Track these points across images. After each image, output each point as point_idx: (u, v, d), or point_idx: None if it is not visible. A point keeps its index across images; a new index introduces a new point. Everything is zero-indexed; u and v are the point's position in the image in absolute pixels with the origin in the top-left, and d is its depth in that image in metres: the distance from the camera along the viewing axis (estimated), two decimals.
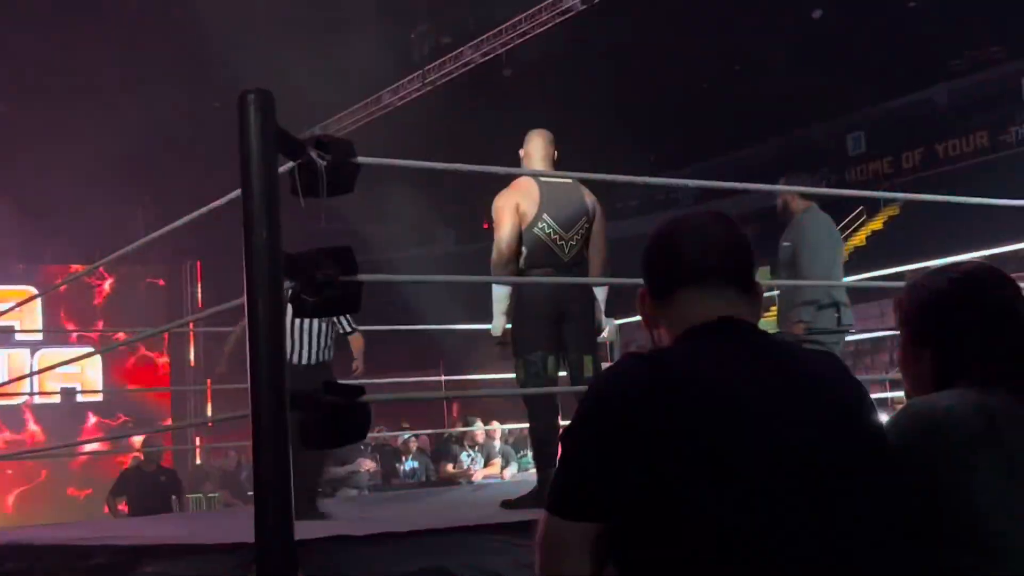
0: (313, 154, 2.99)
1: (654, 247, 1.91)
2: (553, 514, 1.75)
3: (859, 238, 25.53)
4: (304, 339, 5.72)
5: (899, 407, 2.04)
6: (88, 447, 14.80)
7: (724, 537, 1.62)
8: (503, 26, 16.74)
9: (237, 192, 2.84)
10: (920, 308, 2.09)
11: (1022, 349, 2.00)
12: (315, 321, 5.76)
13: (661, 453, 1.65)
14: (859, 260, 23.26)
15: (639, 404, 1.69)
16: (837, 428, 1.74)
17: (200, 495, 14.25)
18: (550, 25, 16.37)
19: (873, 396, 2.09)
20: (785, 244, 6.48)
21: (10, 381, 13.88)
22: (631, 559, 1.69)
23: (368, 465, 11.98)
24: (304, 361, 5.72)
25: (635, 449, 1.66)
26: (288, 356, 5.57)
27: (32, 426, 15.90)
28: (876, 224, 25.63)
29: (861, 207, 25.26)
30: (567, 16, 16.14)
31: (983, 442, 1.89)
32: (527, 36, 16.68)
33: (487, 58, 17.34)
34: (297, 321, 5.68)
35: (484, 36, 17.06)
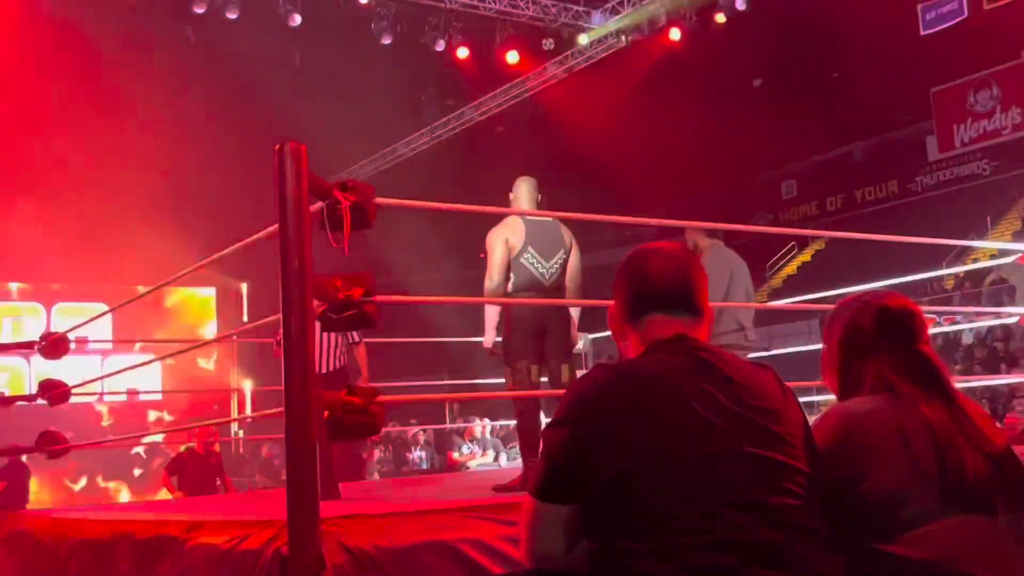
0: (339, 196, 3.00)
1: (628, 278, 1.95)
2: (535, 497, 1.76)
3: (791, 268, 25.58)
4: (323, 350, 5.70)
5: (824, 410, 2.05)
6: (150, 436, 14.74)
7: (670, 517, 1.63)
8: (497, 91, 16.80)
9: (275, 227, 2.84)
10: (844, 329, 2.11)
11: (924, 366, 2.02)
12: (331, 334, 5.73)
13: (624, 445, 1.67)
14: (791, 287, 23.33)
15: (608, 405, 1.70)
16: (767, 425, 1.75)
17: (241, 479, 14.19)
18: (537, 91, 16.45)
19: (802, 399, 2.09)
20: None
21: (84, 383, 13.79)
22: (601, 535, 1.70)
23: (376, 455, 11.97)
24: (324, 370, 5.70)
25: (604, 442, 1.68)
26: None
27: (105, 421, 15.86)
28: (805, 257, 25.69)
29: (793, 242, 25.33)
30: (549, 84, 16.22)
31: (895, 443, 1.90)
32: (517, 99, 16.75)
33: (484, 117, 17.40)
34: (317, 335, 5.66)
35: (482, 99, 17.12)
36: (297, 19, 12.96)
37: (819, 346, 2.21)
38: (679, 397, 1.73)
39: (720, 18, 13.98)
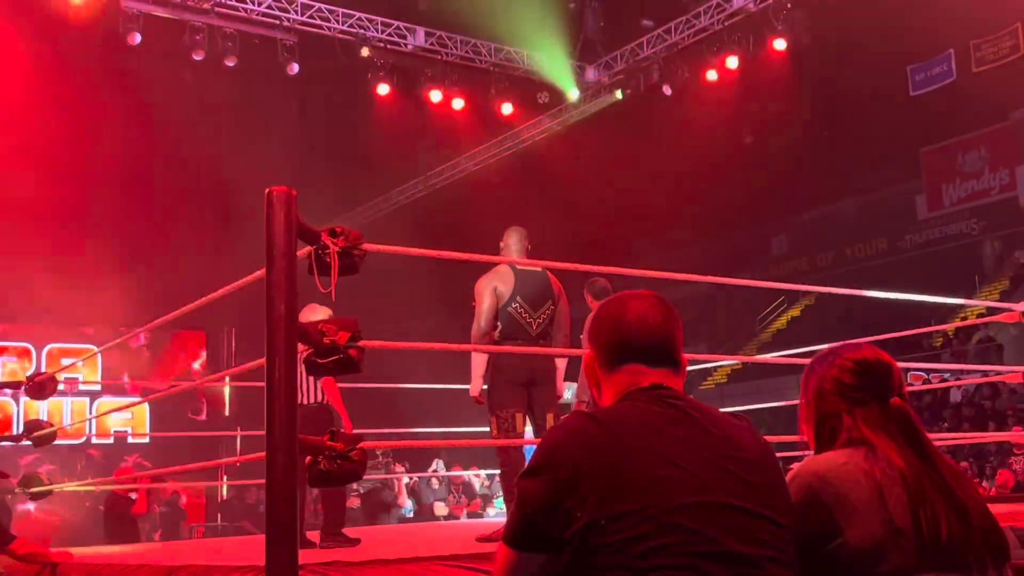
0: (327, 241, 3.01)
1: (605, 326, 1.95)
2: (507, 545, 1.75)
3: (781, 322, 25.64)
4: (306, 383, 5.68)
5: (798, 464, 2.04)
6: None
7: (642, 568, 1.62)
8: (491, 142, 16.93)
9: (262, 271, 2.85)
10: (819, 382, 2.11)
11: (900, 420, 2.01)
12: None
13: (597, 494, 1.66)
14: (781, 341, 23.36)
15: (582, 454, 1.70)
16: (744, 476, 1.74)
17: (226, 524, 14.07)
18: (530, 143, 16.59)
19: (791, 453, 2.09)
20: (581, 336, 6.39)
21: (71, 425, 13.73)
22: None
23: (354, 503, 11.88)
24: (309, 401, 5.68)
25: (577, 491, 1.67)
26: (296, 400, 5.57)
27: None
28: (795, 312, 25.76)
29: (783, 297, 25.40)
30: (543, 135, 16.36)
31: (870, 498, 1.89)
32: (511, 150, 16.87)
33: (478, 167, 17.51)
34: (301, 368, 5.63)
35: (475, 149, 17.24)
36: (295, 68, 13.07)
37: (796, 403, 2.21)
38: (654, 446, 1.72)
39: (711, 75, 14.15)
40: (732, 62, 13.78)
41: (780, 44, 13.48)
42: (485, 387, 5.23)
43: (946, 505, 1.89)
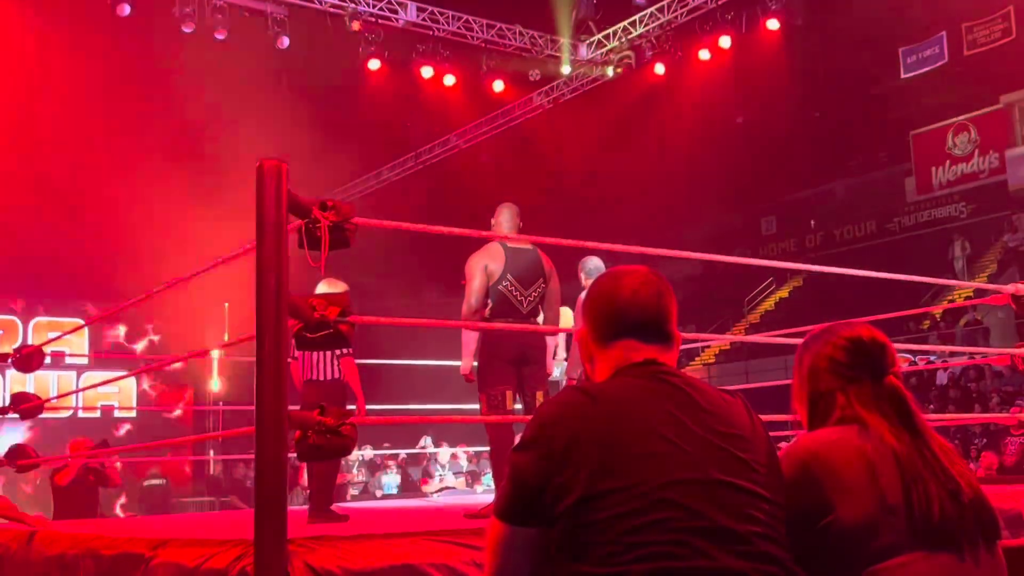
0: (318, 215, 2.99)
1: (597, 301, 1.93)
2: (499, 520, 1.75)
3: (769, 303, 25.70)
4: (323, 360, 5.66)
5: (791, 441, 2.04)
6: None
7: (632, 543, 1.62)
8: (482, 119, 16.88)
9: (253, 244, 2.83)
10: (813, 359, 2.11)
11: (893, 398, 2.01)
12: None
13: (588, 469, 1.66)
14: (769, 322, 23.42)
15: (574, 428, 1.70)
16: (735, 452, 1.74)
17: (213, 499, 14.07)
18: (521, 120, 16.54)
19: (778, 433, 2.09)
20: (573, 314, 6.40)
21: (59, 396, 13.69)
22: (563, 559, 1.69)
23: (350, 477, 11.88)
24: (325, 377, 5.67)
25: (568, 466, 1.67)
26: (313, 375, 5.58)
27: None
28: (783, 293, 25.83)
29: (772, 279, 25.46)
30: (535, 112, 16.31)
31: (862, 476, 1.89)
32: (502, 127, 16.83)
33: (469, 144, 17.46)
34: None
35: (466, 126, 17.19)
36: (285, 41, 12.97)
37: (788, 382, 2.20)
38: (646, 421, 1.72)
39: (704, 54, 14.11)
40: (725, 41, 13.75)
41: (773, 24, 13.45)
42: (475, 365, 5.23)
43: (938, 483, 1.89)
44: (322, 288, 5.20)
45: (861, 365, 2.04)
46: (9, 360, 6.18)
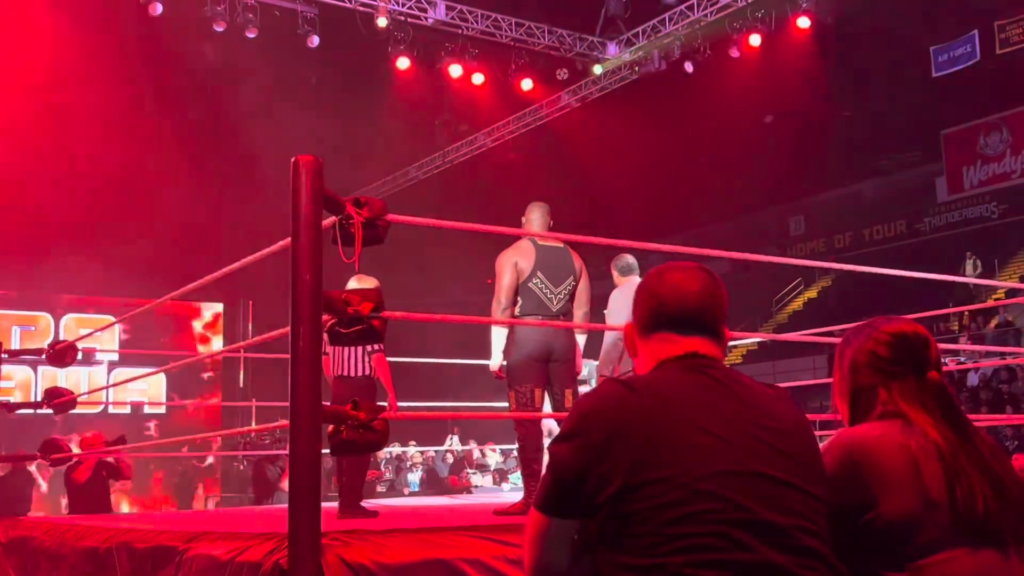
0: (352, 211, 3.00)
1: (643, 295, 1.95)
2: (538, 511, 1.76)
3: (797, 304, 25.56)
4: (354, 356, 5.68)
5: (833, 435, 2.02)
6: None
7: (672, 534, 1.62)
8: (510, 118, 16.88)
9: (287, 240, 2.85)
10: (855, 355, 2.09)
11: (936, 394, 1.99)
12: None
13: (627, 459, 1.66)
14: (796, 322, 23.31)
15: (613, 419, 1.70)
16: (778, 446, 1.73)
17: (242, 495, 14.15)
18: (548, 119, 16.53)
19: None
20: (604, 311, 6.38)
21: (89, 392, 13.84)
22: (602, 550, 1.69)
23: (379, 474, 11.93)
24: (356, 374, 5.68)
25: (608, 457, 1.67)
26: (343, 371, 5.59)
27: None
28: (811, 293, 25.69)
29: (800, 279, 25.32)
30: (563, 111, 16.30)
31: (906, 471, 1.87)
32: (530, 127, 16.82)
33: (496, 143, 17.47)
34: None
35: (494, 125, 17.20)
36: (315, 40, 13.04)
37: (823, 381, 2.19)
38: (686, 413, 1.72)
39: (733, 53, 14.04)
40: (755, 40, 13.67)
41: (804, 22, 13.37)
42: (504, 362, 5.23)
43: (982, 479, 1.87)
44: (352, 284, 5.22)
45: (903, 360, 2.02)
46: (43, 355, 6.26)
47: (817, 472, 1.78)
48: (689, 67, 14.50)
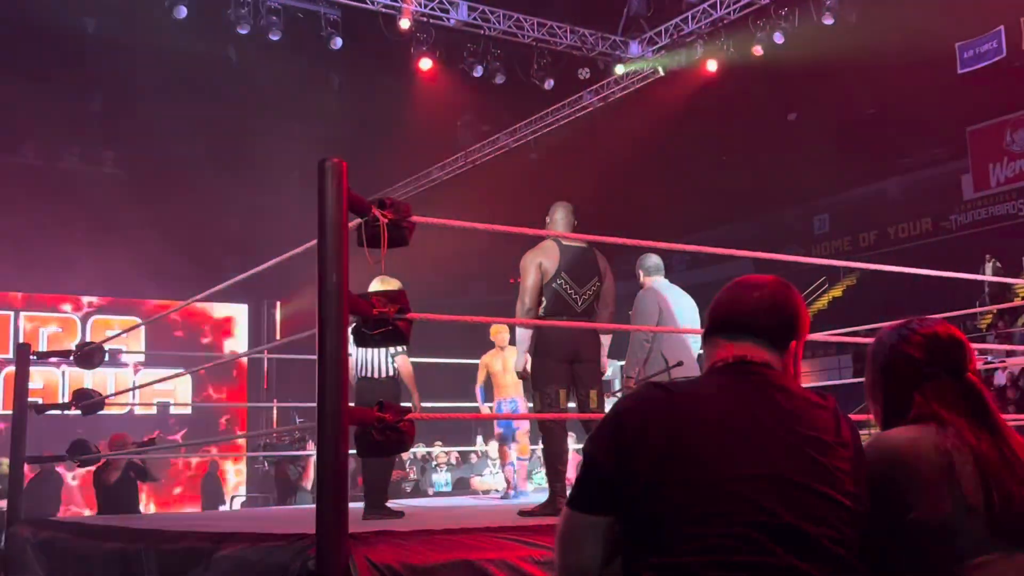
0: (377, 213, 3.01)
1: (710, 305, 1.99)
2: (572, 508, 1.79)
3: (822, 303, 25.41)
4: (378, 358, 5.69)
5: (868, 439, 2.00)
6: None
7: (698, 535, 1.63)
8: (531, 118, 16.88)
9: (313, 242, 2.86)
10: (888, 356, 2.07)
11: (971, 396, 1.97)
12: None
13: (658, 459, 1.68)
14: (821, 322, 23.16)
15: (647, 420, 1.72)
16: (814, 456, 1.73)
17: (266, 494, 14.21)
18: (571, 119, 16.51)
19: None
20: (629, 312, 6.37)
21: (117, 393, 13.95)
22: (630, 549, 1.70)
23: (404, 474, 11.95)
24: (380, 375, 5.69)
25: (639, 455, 1.69)
26: (366, 372, 5.61)
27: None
28: (836, 292, 25.52)
29: (824, 278, 25.16)
30: (585, 111, 16.27)
31: (941, 475, 1.86)
32: (552, 127, 16.81)
33: (518, 143, 17.46)
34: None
35: (516, 126, 17.20)
36: (338, 42, 13.08)
37: (848, 381, 2.17)
38: (718, 416, 1.73)
39: (757, 51, 13.98)
40: (778, 38, 13.60)
41: (828, 19, 13.29)
42: (529, 363, 5.23)
43: (1018, 483, 1.85)
44: (375, 286, 5.24)
45: (937, 361, 2.00)
46: (71, 357, 6.32)
47: (856, 485, 1.76)
48: (712, 65, 14.44)
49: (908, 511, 1.84)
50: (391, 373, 5.71)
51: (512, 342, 7.32)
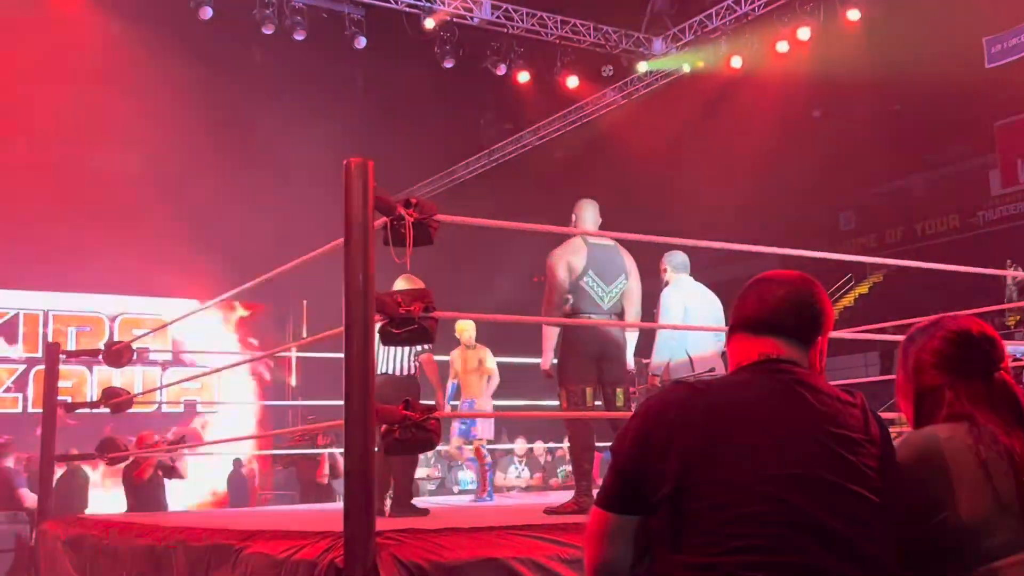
0: (403, 212, 3.02)
1: (735, 300, 1.98)
2: (600, 507, 1.78)
3: (848, 300, 25.26)
4: (398, 355, 5.71)
5: (900, 438, 1.99)
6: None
7: (728, 534, 1.62)
8: (555, 116, 16.86)
9: (339, 241, 2.87)
10: (920, 354, 2.04)
11: (1004, 395, 1.95)
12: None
13: (687, 459, 1.67)
14: (848, 319, 23.00)
15: (675, 420, 1.71)
16: (844, 454, 1.72)
17: (289, 492, 14.28)
18: (595, 116, 16.48)
19: None
20: (654, 310, 6.34)
21: (145, 392, 14.07)
22: (660, 548, 1.70)
23: (430, 473, 11.97)
24: (400, 372, 5.71)
25: (668, 455, 1.69)
26: (387, 369, 5.62)
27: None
28: (863, 289, 25.36)
29: (850, 275, 25.01)
30: (609, 108, 16.24)
31: (975, 473, 1.84)
32: (576, 124, 16.79)
33: (542, 141, 17.45)
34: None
35: (540, 123, 17.19)
36: (362, 41, 13.12)
37: (876, 379, 2.16)
38: (748, 415, 1.72)
39: (782, 47, 13.90)
40: (803, 33, 13.52)
41: (854, 15, 13.20)
42: (555, 361, 5.23)
43: None
44: (400, 285, 5.25)
45: (969, 360, 1.97)
46: (100, 356, 6.37)
47: (887, 482, 1.75)
48: (736, 62, 14.38)
49: (941, 510, 1.82)
50: (411, 371, 5.73)
51: (478, 340, 7.52)
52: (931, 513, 1.83)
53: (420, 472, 11.02)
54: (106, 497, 12.01)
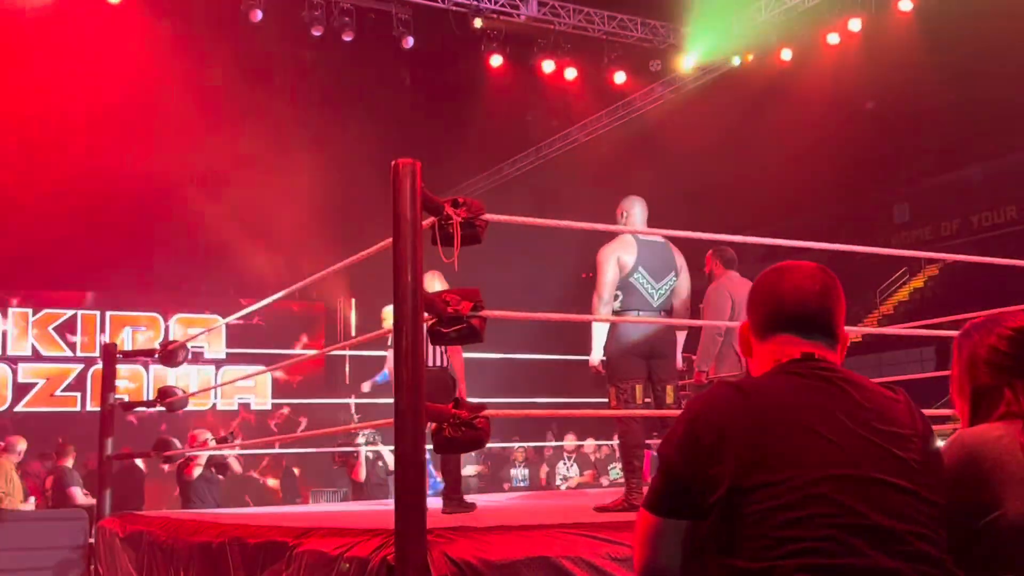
0: (450, 212, 3.04)
1: (760, 296, 1.92)
2: (648, 511, 1.77)
3: (902, 294, 24.90)
4: (430, 347, 5.72)
5: (951, 436, 1.95)
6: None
7: (782, 537, 1.61)
8: (602, 112, 16.82)
9: (388, 241, 2.90)
10: (975, 351, 2.01)
11: None
12: None
13: (738, 462, 1.66)
14: (902, 313, 22.68)
15: (724, 422, 1.70)
16: (894, 451, 1.70)
17: (335, 490, 14.40)
18: (643, 111, 16.41)
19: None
20: (700, 306, 6.26)
21: (200, 391, 14.28)
22: (712, 553, 1.69)
23: (479, 469, 12.02)
24: (432, 364, 5.73)
25: (718, 459, 1.67)
26: None
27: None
28: (917, 283, 24.99)
29: (905, 268, 24.64)
30: (657, 103, 16.16)
31: None
32: (623, 120, 16.72)
33: (590, 137, 17.41)
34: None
35: (588, 119, 17.15)
36: (410, 41, 13.19)
37: (930, 375, 2.12)
38: (797, 416, 1.70)
39: (833, 38, 13.73)
40: (855, 24, 13.34)
41: (906, 5, 13.00)
42: (604, 357, 5.23)
43: None
44: (428, 282, 5.28)
45: None
46: (155, 356, 6.48)
47: (934, 478, 1.73)
48: (787, 54, 14.23)
49: (993, 509, 1.79)
50: (442, 363, 5.75)
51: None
52: (982, 512, 1.80)
53: (468, 470, 11.07)
54: (162, 494, 12.24)
